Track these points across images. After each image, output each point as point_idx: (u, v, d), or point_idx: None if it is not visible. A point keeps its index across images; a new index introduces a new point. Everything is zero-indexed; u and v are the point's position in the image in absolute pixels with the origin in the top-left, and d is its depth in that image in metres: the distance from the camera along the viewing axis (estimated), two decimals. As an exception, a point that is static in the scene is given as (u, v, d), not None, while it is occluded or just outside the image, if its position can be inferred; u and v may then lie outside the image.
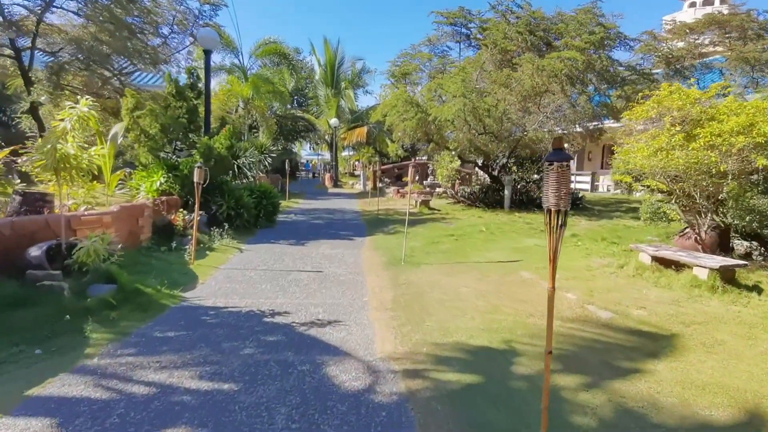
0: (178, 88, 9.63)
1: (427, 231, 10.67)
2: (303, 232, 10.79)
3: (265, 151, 21.05)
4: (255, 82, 22.17)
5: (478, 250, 8.25)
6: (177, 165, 8.97)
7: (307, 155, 59.06)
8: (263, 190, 11.47)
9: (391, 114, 14.65)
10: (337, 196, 23.42)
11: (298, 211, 15.49)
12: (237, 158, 14.73)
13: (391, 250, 8.45)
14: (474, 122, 13.28)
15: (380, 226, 11.88)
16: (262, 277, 6.33)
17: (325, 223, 12.62)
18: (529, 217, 12.76)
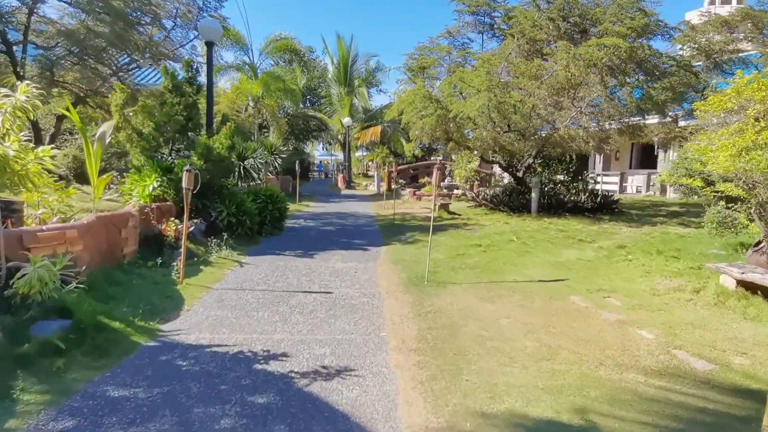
0: (175, 83, 8.70)
1: (449, 240, 9.58)
2: (312, 240, 9.78)
3: (275, 152, 20.19)
4: (265, 80, 21.31)
5: (512, 265, 7.13)
6: (172, 167, 8.03)
7: (320, 156, 58.27)
8: (269, 194, 10.49)
9: (408, 111, 13.57)
10: (350, 198, 22.43)
11: (309, 215, 14.51)
12: (244, 159, 13.83)
13: (411, 264, 7.38)
14: (499, 119, 12.13)
15: (397, 233, 10.82)
16: (259, 301, 5.31)
17: (336, 229, 11.61)
18: (561, 224, 11.58)
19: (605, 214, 13.28)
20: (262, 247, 8.69)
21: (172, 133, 8.63)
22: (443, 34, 15.48)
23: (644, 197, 20.75)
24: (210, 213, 8.62)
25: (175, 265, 6.14)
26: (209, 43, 10.52)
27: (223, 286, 5.93)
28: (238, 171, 13.34)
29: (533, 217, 12.76)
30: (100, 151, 7.64)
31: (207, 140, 8.35)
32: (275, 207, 10.46)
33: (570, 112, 12.18)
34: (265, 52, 22.28)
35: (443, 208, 14.72)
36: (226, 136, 8.66)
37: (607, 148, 12.79)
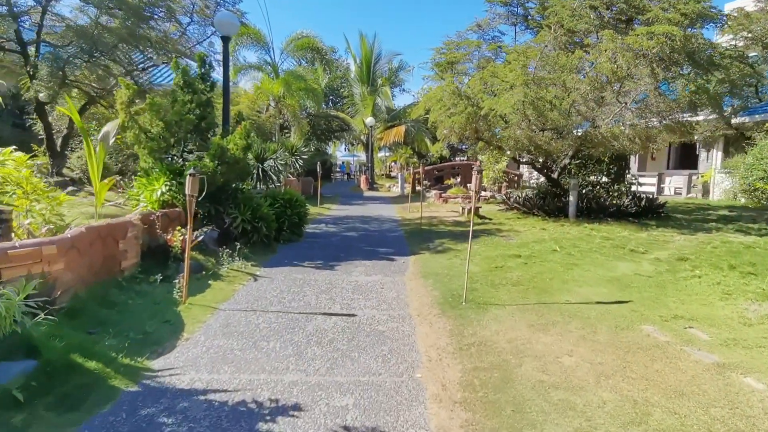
0: (187, 79, 8.08)
1: (484, 249, 8.70)
2: (333, 248, 9.04)
3: (296, 153, 19.59)
4: (286, 80, 20.76)
5: (561, 282, 6.21)
6: (182, 170, 7.39)
7: (343, 156, 57.84)
8: (288, 198, 9.80)
9: (436, 109, 12.72)
10: (373, 200, 21.68)
11: (330, 219, 13.80)
12: (263, 161, 13.22)
13: (444, 279, 6.54)
14: (535, 116, 11.16)
15: (425, 240, 9.98)
16: (271, 326, 4.57)
17: (359, 235, 10.83)
18: (604, 230, 10.54)
19: (651, 220, 12.15)
20: (279, 257, 7.98)
21: (183, 133, 8.00)
22: (472, 27, 14.56)
23: (686, 199, 19.37)
24: (224, 219, 7.96)
25: (178, 280, 5.45)
26: (225, 38, 9.90)
27: (231, 305, 5.21)
28: (256, 173, 12.74)
29: (572, 223, 11.74)
30: (103, 153, 7.06)
31: (221, 140, 7.69)
32: (294, 212, 9.77)
33: (613, 108, 11.12)
34: (287, 51, 21.76)
35: (474, 212, 13.80)
36: (241, 136, 7.99)
37: (653, 147, 11.65)
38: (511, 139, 12.30)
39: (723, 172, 20.43)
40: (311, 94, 21.77)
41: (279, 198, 9.75)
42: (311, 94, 21.77)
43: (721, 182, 20.61)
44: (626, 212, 12.10)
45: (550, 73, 11.25)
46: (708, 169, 21.89)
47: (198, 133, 8.41)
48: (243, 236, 8.03)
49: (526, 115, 11.01)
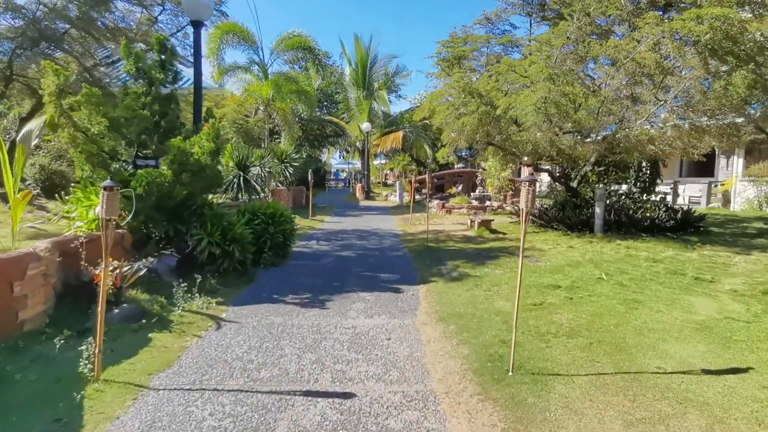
0: (142, 66, 6.48)
1: (510, 275, 7.10)
2: (325, 274, 7.40)
3: (286, 159, 18.00)
4: (276, 81, 19.21)
5: (633, 330, 4.59)
6: (131, 179, 5.76)
7: (337, 164, 56.32)
8: (271, 213, 8.19)
9: (442, 109, 11.19)
10: (370, 210, 20.07)
11: (323, 234, 12.16)
12: (245, 169, 11.60)
13: (472, 324, 4.92)
14: (558, 116, 9.64)
15: (434, 261, 8.38)
16: (222, 424, 2.93)
17: (356, 255, 9.20)
18: (643, 248, 9.00)
19: (690, 235, 10.63)
20: (256, 289, 6.33)
21: (136, 133, 6.38)
22: (480, 20, 13.14)
23: (707, 210, 17.88)
24: (186, 242, 6.32)
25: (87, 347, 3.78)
26: (196, 23, 8.34)
27: (171, 380, 3.56)
28: (237, 182, 11.12)
29: (600, 239, 10.19)
30: (22, 160, 5.43)
31: (182, 143, 6.07)
32: (278, 229, 8.14)
33: (649, 107, 9.62)
34: (277, 52, 20.21)
35: (484, 226, 12.24)
36: (209, 137, 6.37)
37: (695, 152, 10.14)
38: (529, 143, 10.77)
39: (746, 180, 19.02)
40: (303, 97, 20.19)
41: (259, 213, 8.13)
42: (303, 97, 20.19)
43: (744, 191, 19.19)
44: (661, 226, 10.56)
45: (577, 65, 9.75)
46: (728, 177, 20.51)
47: (157, 134, 6.79)
48: (210, 263, 6.40)
49: (548, 115, 9.48)
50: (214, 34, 18.60)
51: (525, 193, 3.63)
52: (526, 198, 3.63)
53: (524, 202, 3.65)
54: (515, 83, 9.87)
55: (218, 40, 18.59)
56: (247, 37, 19.41)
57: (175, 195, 6.06)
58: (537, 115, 9.53)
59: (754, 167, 18.18)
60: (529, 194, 3.62)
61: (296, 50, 20.28)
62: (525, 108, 8.99)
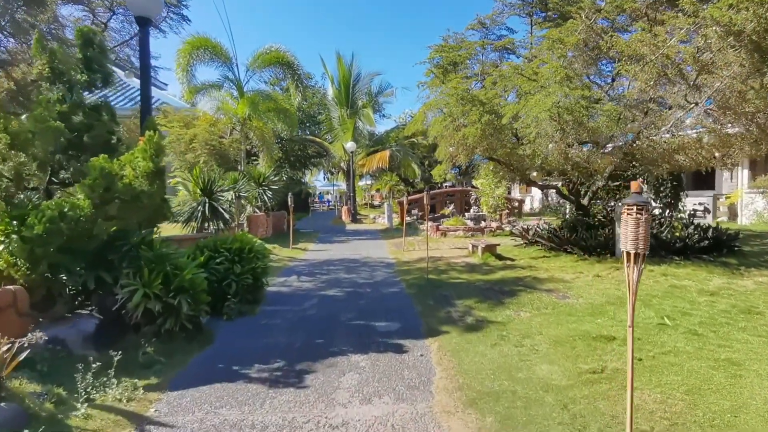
0: (56, 64, 4.97)
1: (538, 319, 5.60)
2: (305, 326, 5.79)
3: (264, 183, 16.44)
4: (253, 99, 17.79)
5: (759, 418, 3.11)
6: (26, 216, 4.15)
7: (322, 186, 54.88)
8: (238, 248, 6.61)
9: (438, 120, 9.82)
10: (358, 235, 18.52)
11: (305, 267, 10.54)
12: (211, 195, 10.00)
13: (517, 412, 3.36)
14: (572, 124, 8.32)
15: (440, 300, 6.85)
16: None
17: (345, 295, 7.61)
18: (683, 275, 7.63)
19: (725, 255, 9.30)
20: (210, 357, 4.71)
21: (46, 152, 4.80)
22: (473, 25, 12.09)
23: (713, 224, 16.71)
24: (115, 295, 4.69)
25: None
26: (142, 20, 6.84)
27: None
28: (202, 211, 9.51)
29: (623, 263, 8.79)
30: None
31: (107, 163, 4.50)
32: (247, 268, 6.55)
33: (675, 112, 8.37)
34: (253, 68, 18.83)
35: (489, 251, 10.77)
36: (146, 154, 4.81)
37: (730, 162, 8.90)
38: (538, 156, 9.42)
39: (753, 191, 18.03)
40: (282, 115, 18.79)
41: (223, 248, 6.54)
42: (282, 115, 18.79)
43: (751, 203, 18.18)
44: (694, 248, 9.22)
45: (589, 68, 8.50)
46: (733, 189, 19.52)
47: (80, 152, 5.21)
48: (149, 322, 4.77)
49: (562, 123, 8.15)
50: (183, 50, 17.18)
51: (633, 225, 2.15)
52: (636, 232, 2.15)
53: (633, 238, 2.17)
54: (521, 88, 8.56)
55: (188, 55, 17.17)
56: (220, 53, 18.02)
57: (97, 233, 4.46)
58: (549, 124, 8.20)
59: (762, 178, 17.17)
60: (640, 227, 2.14)
61: (274, 66, 18.91)
62: (539, 114, 7.64)
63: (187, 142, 16.10)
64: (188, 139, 16.04)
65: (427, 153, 30.07)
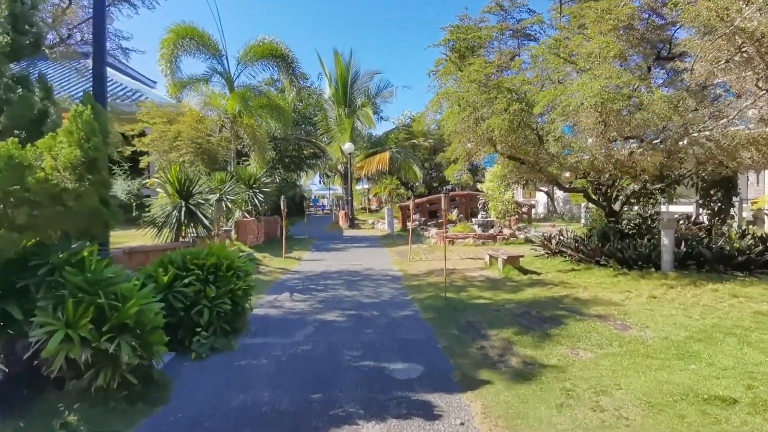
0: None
1: (608, 362, 4.21)
2: (296, 375, 4.34)
3: (255, 185, 15.02)
4: (243, 95, 16.37)
5: None
6: None
7: (318, 190, 53.46)
8: (213, 264, 5.20)
9: (453, 113, 8.45)
10: (357, 241, 17.10)
11: (299, 281, 9.11)
12: (189, 198, 8.56)
13: None
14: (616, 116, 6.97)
15: (468, 329, 5.45)
16: None
17: (347, 321, 6.17)
18: (755, 295, 6.29)
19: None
20: (156, 428, 3.28)
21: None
22: (491, 8, 10.55)
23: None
24: (27, 336, 3.26)
25: None
26: (95, -25, 5.46)
27: None
28: (177, 216, 8.07)
29: (676, 279, 7.47)
30: None
31: (16, 149, 3.09)
32: (224, 290, 5.13)
33: (739, 101, 7.06)
34: (244, 61, 17.42)
35: (510, 263, 9.39)
36: (73, 138, 3.40)
37: None
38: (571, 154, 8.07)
39: (784, 196, 16.81)
40: (276, 113, 17.39)
41: (194, 264, 5.12)
42: (276, 113, 17.39)
43: (781, 208, 16.97)
44: (756, 261, 7.88)
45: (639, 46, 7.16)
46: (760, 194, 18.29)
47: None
48: (76, 375, 3.35)
49: (606, 114, 6.79)
50: (167, 39, 15.76)
51: None
52: None
53: None
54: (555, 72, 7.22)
55: (172, 45, 15.74)
56: (208, 43, 16.60)
57: None
58: (590, 114, 6.84)
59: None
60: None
61: (267, 59, 17.51)
62: (584, 101, 6.27)
63: (171, 140, 14.68)
64: (172, 137, 14.60)
65: (429, 155, 28.76)
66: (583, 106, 6.61)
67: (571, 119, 6.81)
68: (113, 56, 9.47)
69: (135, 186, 14.95)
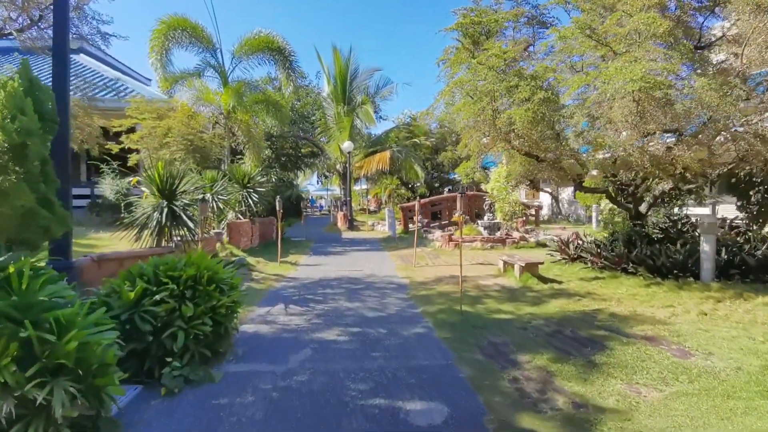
0: None
1: (683, 410, 3.35)
2: (289, 420, 3.47)
3: (249, 184, 14.14)
4: (237, 90, 15.51)
5: None
6: None
7: (315, 190, 52.60)
8: (191, 277, 4.32)
9: (467, 104, 7.59)
10: (357, 244, 16.23)
11: (295, 290, 8.23)
12: (172, 198, 7.67)
13: None
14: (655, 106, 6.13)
15: (495, 356, 4.59)
16: None
17: (349, 343, 5.29)
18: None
19: None
20: None
21: None
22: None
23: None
24: None
25: None
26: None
27: None
28: (158, 219, 7.18)
29: (720, 291, 6.64)
30: None
31: None
32: (204, 308, 4.26)
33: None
34: (239, 55, 16.53)
35: (528, 271, 8.54)
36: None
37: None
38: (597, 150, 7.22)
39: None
40: (272, 109, 16.51)
41: (168, 275, 4.25)
42: (272, 109, 16.51)
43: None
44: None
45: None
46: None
47: None
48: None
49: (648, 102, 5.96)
50: (158, 30, 14.89)
51: None
52: None
53: None
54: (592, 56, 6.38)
55: (163, 37, 14.87)
56: (201, 36, 15.73)
57: None
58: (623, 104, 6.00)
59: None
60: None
61: (263, 52, 16.62)
62: (623, 87, 5.42)
63: (161, 137, 13.80)
64: (162, 133, 13.72)
65: (431, 155, 27.92)
66: (620, 94, 5.76)
67: (602, 110, 5.96)
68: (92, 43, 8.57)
69: (124, 185, 14.06)
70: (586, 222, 23.22)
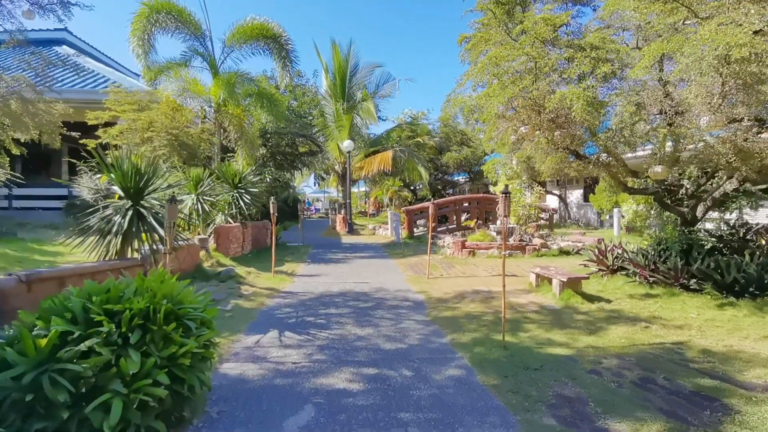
0: None
1: None
2: None
3: (241, 184, 12.73)
4: (229, 81, 14.10)
5: None
6: None
7: (312, 193, 51.19)
8: (141, 311, 2.91)
9: (501, 86, 6.22)
10: (359, 250, 14.82)
11: (291, 310, 6.81)
12: (140, 198, 6.22)
13: None
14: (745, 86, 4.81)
15: (576, 423, 3.21)
16: None
17: (364, 397, 3.90)
18: None
19: None
20: None
21: None
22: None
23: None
24: None
25: None
26: None
27: None
28: (120, 223, 5.75)
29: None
30: None
31: None
32: (155, 361, 2.85)
33: None
34: (231, 44, 15.15)
35: (571, 288, 7.16)
36: None
37: None
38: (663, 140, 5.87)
39: None
40: (267, 103, 15.10)
41: (105, 308, 2.84)
42: (267, 103, 15.10)
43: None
44: None
45: None
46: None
47: None
48: None
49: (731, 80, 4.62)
50: (139, 14, 13.51)
51: None
52: None
53: None
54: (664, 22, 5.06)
55: (145, 20, 13.48)
56: (188, 21, 14.34)
57: None
58: (701, 81, 4.67)
59: None
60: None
61: (258, 40, 15.24)
62: (725, 50, 4.10)
63: (142, 131, 12.37)
64: (143, 127, 12.30)
65: (434, 155, 26.60)
66: (706, 63, 4.42)
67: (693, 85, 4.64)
68: (52, 11, 7.16)
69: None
70: (598, 226, 21.95)
